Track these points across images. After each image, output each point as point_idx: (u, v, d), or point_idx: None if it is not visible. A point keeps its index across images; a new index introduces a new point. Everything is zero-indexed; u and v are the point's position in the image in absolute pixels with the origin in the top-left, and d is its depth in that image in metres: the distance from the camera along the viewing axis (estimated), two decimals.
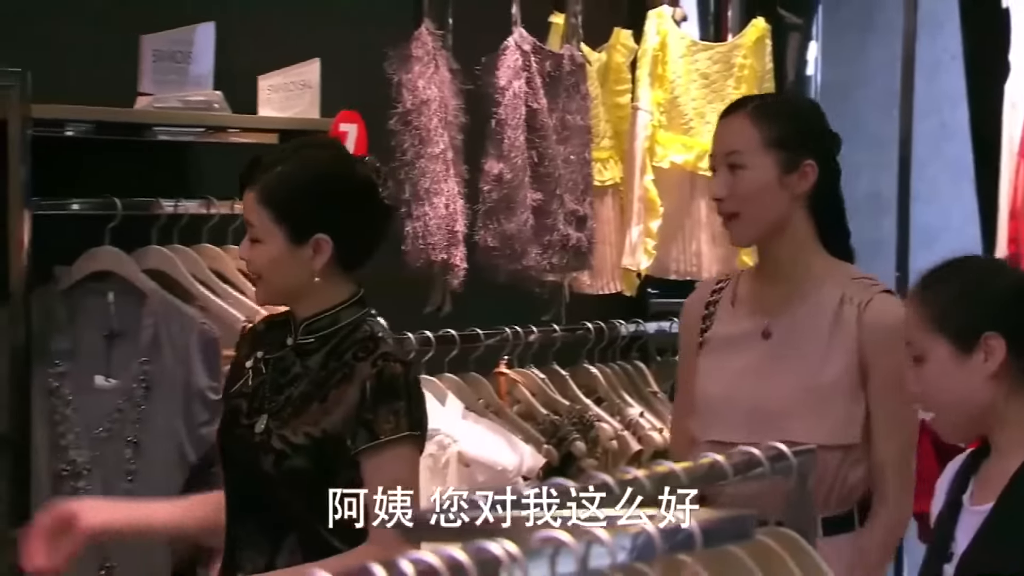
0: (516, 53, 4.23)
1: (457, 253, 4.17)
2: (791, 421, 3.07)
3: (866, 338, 3.11)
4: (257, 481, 2.90)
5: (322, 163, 2.95)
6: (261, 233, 2.91)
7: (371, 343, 2.91)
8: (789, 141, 3.15)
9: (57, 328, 3.61)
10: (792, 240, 3.18)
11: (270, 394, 2.95)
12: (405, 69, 4.08)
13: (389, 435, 2.84)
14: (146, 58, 3.78)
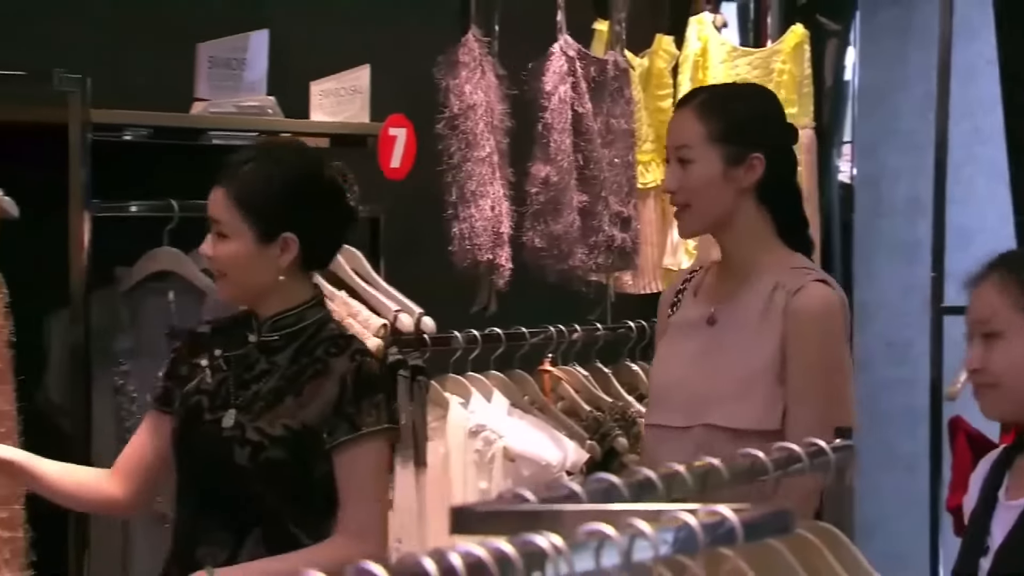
0: (561, 59, 4.22)
1: (502, 254, 4.17)
2: (716, 406, 3.05)
3: (789, 325, 3.04)
4: (227, 475, 2.87)
5: (293, 163, 2.94)
6: (229, 230, 2.88)
7: (342, 340, 2.92)
8: (734, 135, 3.09)
9: (120, 328, 3.62)
10: (742, 232, 3.13)
11: (235, 390, 2.92)
12: (452, 75, 4.08)
13: (371, 427, 2.84)
14: (202, 65, 3.80)
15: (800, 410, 3.00)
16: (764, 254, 3.12)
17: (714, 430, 3.03)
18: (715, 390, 3.07)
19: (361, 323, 3.79)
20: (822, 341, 3.03)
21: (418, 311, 3.92)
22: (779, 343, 3.03)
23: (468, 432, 3.93)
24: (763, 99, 3.27)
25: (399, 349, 3.85)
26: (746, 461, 1.89)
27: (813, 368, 3.01)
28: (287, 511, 2.84)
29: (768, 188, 3.11)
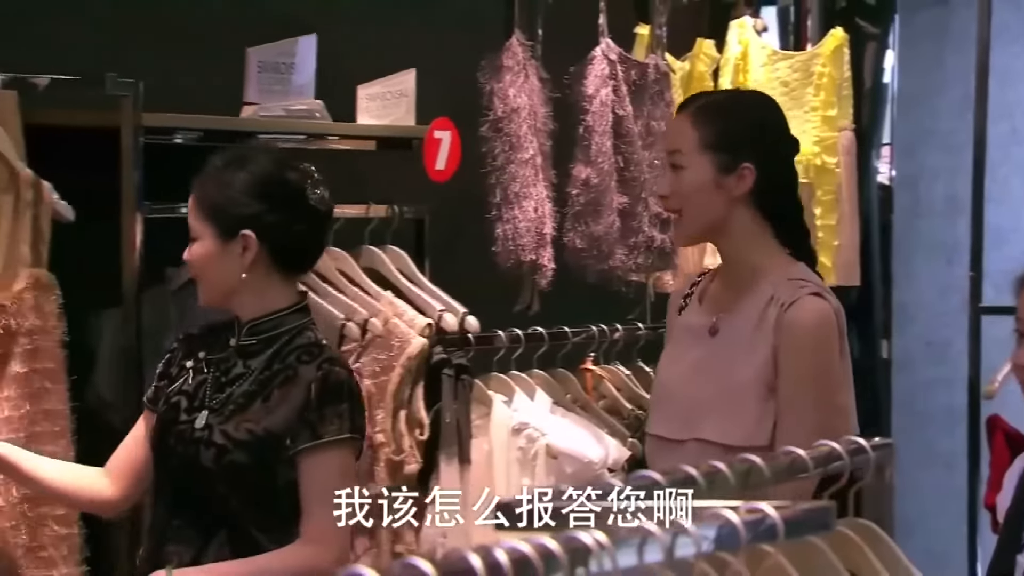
0: (603, 62, 4.23)
1: (545, 254, 4.18)
2: (707, 420, 2.97)
3: (781, 339, 2.94)
4: (195, 476, 2.87)
5: (254, 164, 2.95)
6: (196, 230, 2.93)
7: (315, 348, 2.92)
8: (726, 143, 3.01)
9: (169, 326, 3.64)
10: (737, 240, 3.05)
11: (211, 392, 2.94)
12: (496, 78, 4.09)
13: (332, 436, 2.83)
14: (251, 69, 3.81)
15: (790, 423, 2.91)
16: (764, 262, 3.04)
17: (706, 445, 2.95)
18: (708, 403, 2.99)
19: (406, 323, 3.79)
20: (814, 353, 2.94)
21: (462, 311, 3.92)
22: (770, 356, 2.95)
23: (511, 430, 3.93)
24: (761, 109, 3.16)
25: (444, 348, 3.86)
26: (786, 459, 1.88)
27: (805, 381, 2.92)
28: (251, 515, 2.84)
29: (765, 197, 3.03)
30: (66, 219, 3.31)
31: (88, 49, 3.67)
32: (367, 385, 3.72)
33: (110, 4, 3.77)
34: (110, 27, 3.76)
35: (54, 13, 3.67)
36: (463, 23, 4.46)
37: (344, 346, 3.69)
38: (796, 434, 2.83)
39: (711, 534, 1.49)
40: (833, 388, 2.95)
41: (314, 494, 2.82)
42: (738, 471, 1.76)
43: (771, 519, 1.51)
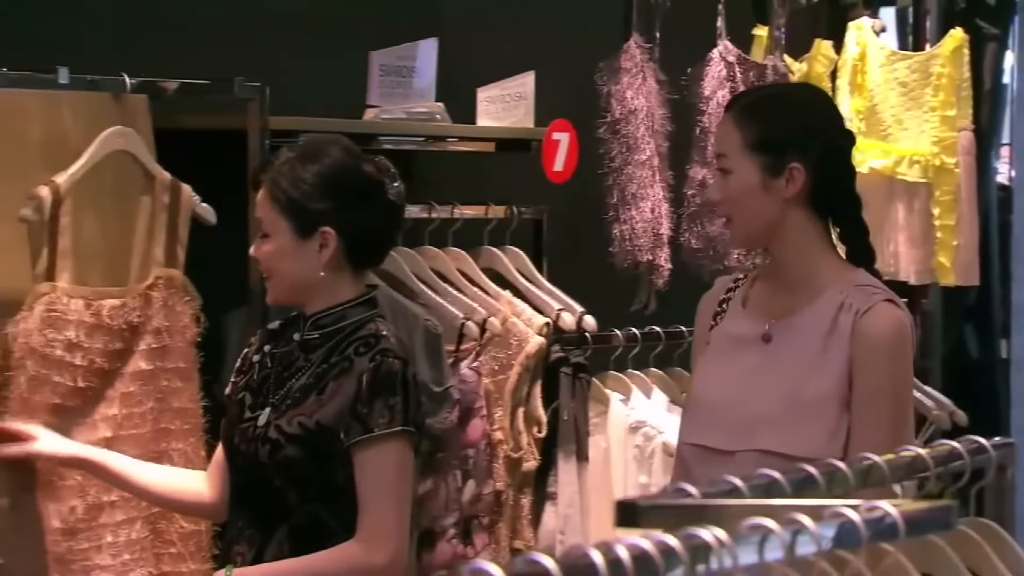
0: (721, 64, 4.22)
1: (662, 254, 4.18)
2: (770, 430, 2.76)
3: (856, 348, 2.74)
4: (254, 472, 2.80)
5: (328, 158, 2.83)
6: (269, 227, 2.83)
7: (373, 339, 2.80)
8: (771, 144, 2.78)
9: None
10: (792, 243, 2.81)
11: (274, 388, 2.86)
12: (614, 80, 4.09)
13: (383, 429, 2.72)
14: (374, 73, 3.84)
15: (867, 435, 2.71)
16: (822, 268, 2.82)
17: (767, 456, 2.71)
18: (770, 413, 2.77)
19: (525, 322, 3.80)
20: (892, 364, 2.76)
21: (580, 310, 3.92)
22: (845, 366, 2.75)
23: (628, 428, 3.93)
24: (807, 104, 2.93)
25: (561, 347, 3.86)
26: (906, 457, 1.86)
27: (884, 393, 2.73)
28: (313, 509, 2.75)
29: (820, 198, 2.80)
30: (208, 222, 3.35)
31: (216, 53, 3.72)
32: (486, 383, 3.73)
33: (237, 9, 3.82)
34: (237, 31, 3.80)
35: (182, 18, 3.72)
36: (582, 26, 4.46)
37: (463, 345, 3.71)
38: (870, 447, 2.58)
39: (831, 532, 1.47)
40: (908, 400, 2.81)
41: (367, 490, 2.73)
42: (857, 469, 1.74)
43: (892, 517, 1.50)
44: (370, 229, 2.85)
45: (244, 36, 3.81)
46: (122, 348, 3.17)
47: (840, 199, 2.85)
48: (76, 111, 3.18)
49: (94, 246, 3.15)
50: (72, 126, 3.17)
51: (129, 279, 3.23)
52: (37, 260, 3.06)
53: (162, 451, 3.20)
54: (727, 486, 1.67)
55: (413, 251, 3.80)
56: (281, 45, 3.86)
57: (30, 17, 3.45)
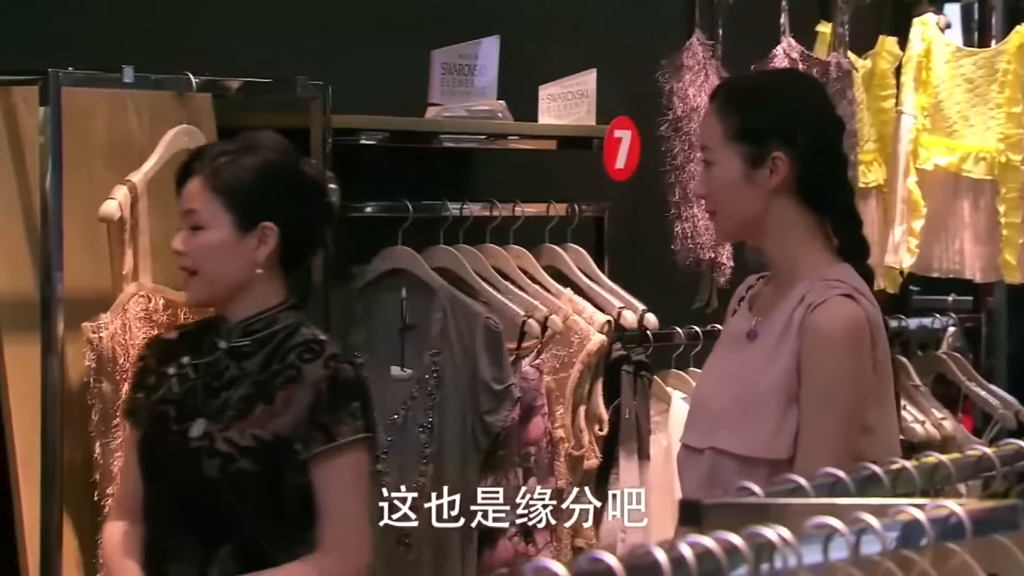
0: (784, 61, 4.20)
1: (724, 251, 4.18)
2: (725, 429, 2.66)
3: (804, 342, 2.60)
4: (196, 488, 2.66)
5: (268, 152, 2.73)
6: (207, 220, 2.68)
7: (316, 345, 2.69)
8: (751, 132, 2.65)
9: (355, 322, 3.69)
10: (780, 237, 2.68)
11: (203, 398, 2.70)
12: (676, 78, 4.09)
13: (347, 436, 2.63)
14: (435, 71, 3.85)
15: (810, 439, 2.59)
16: (803, 262, 2.68)
17: (721, 455, 2.65)
18: (727, 411, 2.68)
19: (586, 319, 3.80)
20: (838, 361, 2.59)
21: (641, 308, 3.92)
22: (793, 361, 2.61)
23: None
24: (789, 91, 2.81)
25: (623, 345, 3.86)
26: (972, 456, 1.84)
27: (827, 392, 2.59)
28: (259, 526, 2.64)
29: (808, 188, 2.67)
30: None
31: (278, 52, 3.74)
32: (547, 381, 3.73)
33: (301, 8, 3.83)
34: (299, 31, 3.82)
35: (245, 18, 3.75)
36: (644, 23, 4.45)
37: (524, 343, 3.71)
38: (816, 452, 2.54)
39: (896, 531, 1.46)
40: (860, 402, 2.61)
41: (331, 500, 2.64)
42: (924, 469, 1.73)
43: (958, 517, 1.49)
44: (308, 228, 2.76)
45: (307, 35, 3.83)
46: None
47: (829, 190, 2.70)
48: (140, 110, 3.21)
49: (163, 244, 3.18)
50: (136, 125, 3.20)
51: None
52: (122, 260, 3.09)
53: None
54: (791, 484, 1.66)
55: (475, 249, 3.81)
56: (344, 44, 3.88)
57: (96, 17, 3.48)
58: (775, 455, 2.60)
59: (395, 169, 3.88)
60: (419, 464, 3.61)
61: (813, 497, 1.65)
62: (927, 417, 4.41)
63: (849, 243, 2.71)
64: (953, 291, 4.87)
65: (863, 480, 1.72)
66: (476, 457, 3.62)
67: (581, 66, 4.07)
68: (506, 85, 3.96)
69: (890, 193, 4.66)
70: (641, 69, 4.20)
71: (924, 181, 4.65)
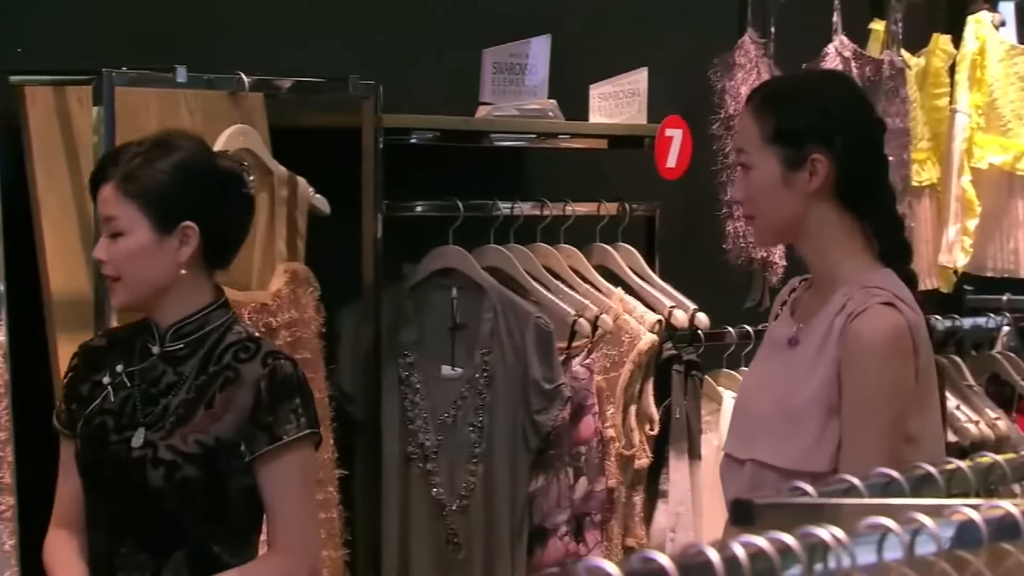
0: (836, 59, 4.20)
1: (776, 251, 4.16)
2: (764, 440, 2.62)
3: (845, 352, 2.55)
4: (141, 498, 2.59)
5: (181, 151, 2.64)
6: (124, 225, 2.60)
7: (251, 343, 2.63)
8: (789, 134, 2.60)
9: (406, 321, 3.70)
10: (820, 241, 2.64)
11: (142, 406, 2.63)
12: (728, 76, 4.08)
13: (292, 435, 2.57)
14: (486, 70, 3.85)
15: (853, 450, 2.54)
16: (843, 267, 2.63)
17: (762, 468, 2.61)
18: (765, 421, 2.64)
19: (637, 319, 3.80)
20: (881, 370, 2.54)
21: (692, 307, 3.91)
22: (834, 371, 2.56)
23: None
24: (826, 91, 2.74)
25: (674, 344, 3.86)
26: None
27: (870, 401, 2.54)
28: (207, 531, 2.59)
29: (847, 190, 2.62)
30: (323, 212, 3.40)
31: (330, 52, 3.75)
32: (598, 381, 3.73)
33: (351, 9, 3.85)
34: (351, 31, 3.83)
35: (297, 18, 3.76)
36: (696, 21, 4.44)
37: (575, 342, 3.71)
38: (859, 463, 2.45)
39: (951, 532, 1.46)
40: (903, 412, 2.56)
41: (279, 500, 2.59)
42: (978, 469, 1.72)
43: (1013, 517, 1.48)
44: (229, 225, 2.68)
45: (359, 35, 3.84)
46: None
47: (869, 191, 2.65)
48: (193, 110, 3.23)
49: None
50: (189, 125, 3.22)
51: (253, 274, 3.28)
52: None
53: None
54: (844, 484, 1.66)
55: (525, 248, 3.81)
56: (395, 43, 3.89)
57: (150, 17, 3.51)
58: (816, 468, 2.55)
59: (446, 168, 3.89)
60: (469, 463, 3.62)
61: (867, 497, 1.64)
62: (981, 417, 4.39)
63: (891, 246, 2.66)
64: (1008, 290, 4.84)
65: (917, 480, 1.72)
66: (526, 457, 3.62)
67: (632, 65, 4.07)
68: (557, 84, 3.96)
69: (944, 192, 4.64)
70: (693, 67, 4.19)
71: (978, 180, 4.63)
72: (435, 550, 3.64)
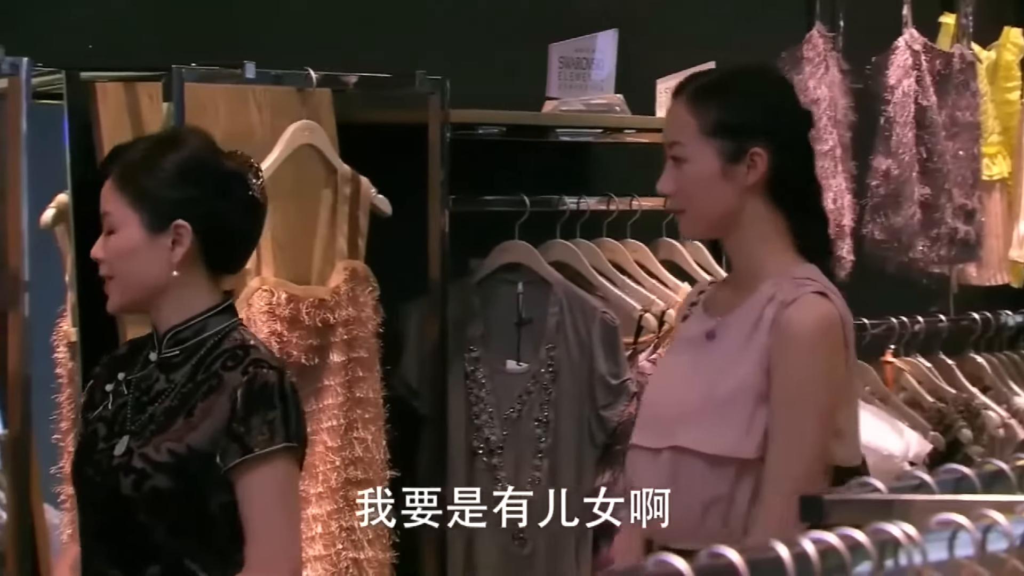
0: (906, 53, 4.18)
1: (844, 246, 4.17)
2: (688, 427, 2.59)
3: (775, 340, 2.53)
4: (115, 507, 2.51)
5: (187, 147, 2.57)
6: (117, 221, 2.54)
7: (241, 351, 2.52)
8: (730, 127, 2.59)
9: (472, 316, 3.71)
10: (747, 236, 2.63)
11: (132, 414, 2.56)
12: (796, 70, 4.08)
13: (263, 447, 2.45)
14: (553, 65, 3.86)
15: (785, 438, 2.53)
16: (770, 261, 2.62)
17: (683, 454, 2.59)
18: (690, 410, 2.61)
19: None
20: (813, 359, 2.53)
21: None
22: (763, 359, 2.55)
23: None
24: (765, 84, 2.74)
25: None
26: None
27: (800, 391, 2.53)
28: (182, 545, 2.48)
29: (779, 184, 2.61)
30: (384, 213, 3.41)
31: (397, 47, 3.77)
32: None
33: (418, 4, 3.86)
34: (418, 26, 3.85)
35: (364, 13, 3.78)
36: (763, 15, 4.43)
37: (641, 337, 3.71)
38: (789, 452, 2.52)
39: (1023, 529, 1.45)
40: (833, 402, 2.56)
41: (254, 516, 2.46)
42: None
43: None
44: (228, 225, 2.57)
45: (426, 30, 3.86)
46: (317, 344, 3.24)
47: (799, 185, 2.66)
48: (261, 105, 3.26)
49: (285, 239, 3.23)
50: (258, 120, 3.24)
51: (312, 270, 3.30)
52: None
53: (348, 441, 3.26)
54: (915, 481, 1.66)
55: (591, 243, 3.82)
56: (462, 38, 3.90)
57: (218, 13, 3.54)
58: (744, 454, 2.55)
59: (512, 163, 3.89)
60: (534, 459, 3.63)
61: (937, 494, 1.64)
62: None
63: (814, 242, 2.66)
64: None
65: (989, 477, 1.71)
66: (592, 452, 3.63)
67: (699, 59, 4.05)
68: (624, 79, 3.96)
69: (1015, 186, 4.62)
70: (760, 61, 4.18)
71: None
72: (500, 545, 3.65)
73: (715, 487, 2.56)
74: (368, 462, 3.30)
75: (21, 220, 2.97)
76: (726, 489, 2.56)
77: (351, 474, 3.29)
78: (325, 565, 3.22)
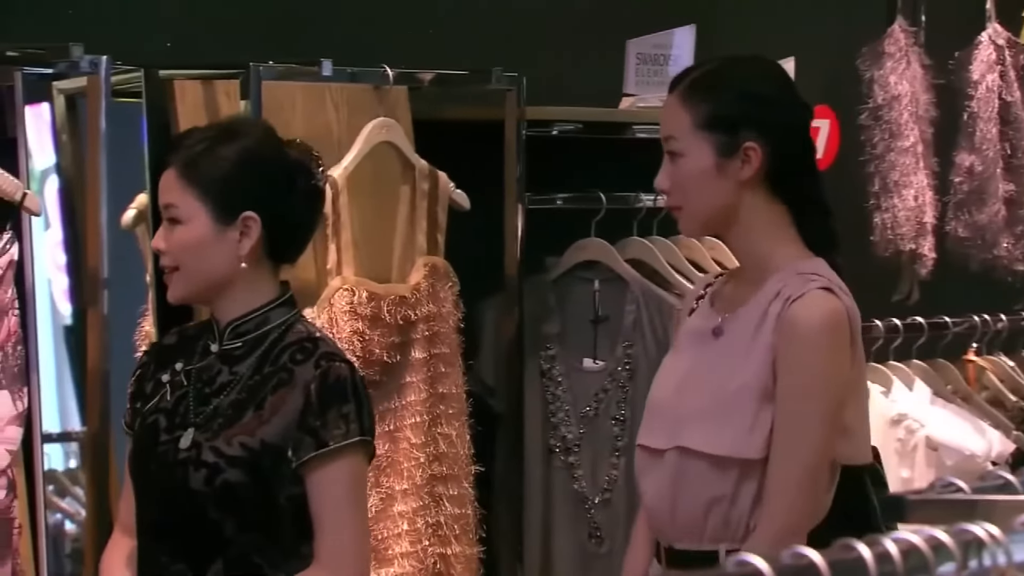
0: (990, 48, 4.16)
1: (925, 243, 4.15)
2: (694, 427, 2.56)
3: (780, 337, 2.50)
4: (183, 501, 2.49)
5: (249, 137, 2.56)
6: (183, 213, 2.52)
7: (309, 344, 2.52)
8: (724, 121, 2.55)
9: (548, 314, 3.72)
10: (750, 231, 2.59)
11: (195, 406, 2.54)
12: (877, 65, 4.06)
13: (339, 441, 2.45)
14: (630, 61, 3.86)
15: (790, 436, 2.50)
16: (776, 256, 2.58)
17: (688, 454, 2.56)
18: (696, 409, 2.58)
19: None
20: (819, 355, 2.50)
21: None
22: (769, 356, 2.51)
23: (890, 421, 3.88)
24: (759, 76, 2.67)
25: None
26: None
27: (807, 387, 2.50)
28: (250, 540, 2.48)
29: (778, 178, 2.58)
30: (463, 208, 3.43)
31: (473, 45, 3.79)
32: None
33: (494, 1, 3.88)
34: (494, 23, 3.86)
35: (440, 11, 3.80)
36: (843, 10, 4.41)
37: None
38: (794, 451, 2.50)
39: None
40: (840, 399, 2.54)
41: (325, 510, 2.47)
42: None
43: None
44: (294, 216, 2.57)
45: (503, 27, 3.87)
46: (399, 341, 3.26)
47: (799, 179, 2.61)
48: (338, 103, 3.28)
49: (364, 237, 3.25)
50: (335, 118, 3.27)
51: (392, 267, 3.33)
52: (325, 254, 3.17)
53: (432, 437, 3.28)
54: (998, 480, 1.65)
55: (668, 241, 3.81)
56: (539, 35, 3.91)
57: (295, 11, 3.56)
58: (748, 454, 2.53)
59: (589, 160, 3.90)
60: (611, 456, 3.63)
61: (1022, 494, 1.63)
62: None
63: (819, 235, 2.62)
64: None
65: None
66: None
67: (779, 54, 4.02)
68: None
69: None
70: (841, 56, 4.16)
71: None
72: (577, 543, 3.66)
73: (718, 487, 2.55)
74: (452, 457, 3.32)
75: (100, 218, 3.01)
76: (729, 489, 2.54)
77: (436, 470, 3.31)
78: (412, 561, 3.24)
